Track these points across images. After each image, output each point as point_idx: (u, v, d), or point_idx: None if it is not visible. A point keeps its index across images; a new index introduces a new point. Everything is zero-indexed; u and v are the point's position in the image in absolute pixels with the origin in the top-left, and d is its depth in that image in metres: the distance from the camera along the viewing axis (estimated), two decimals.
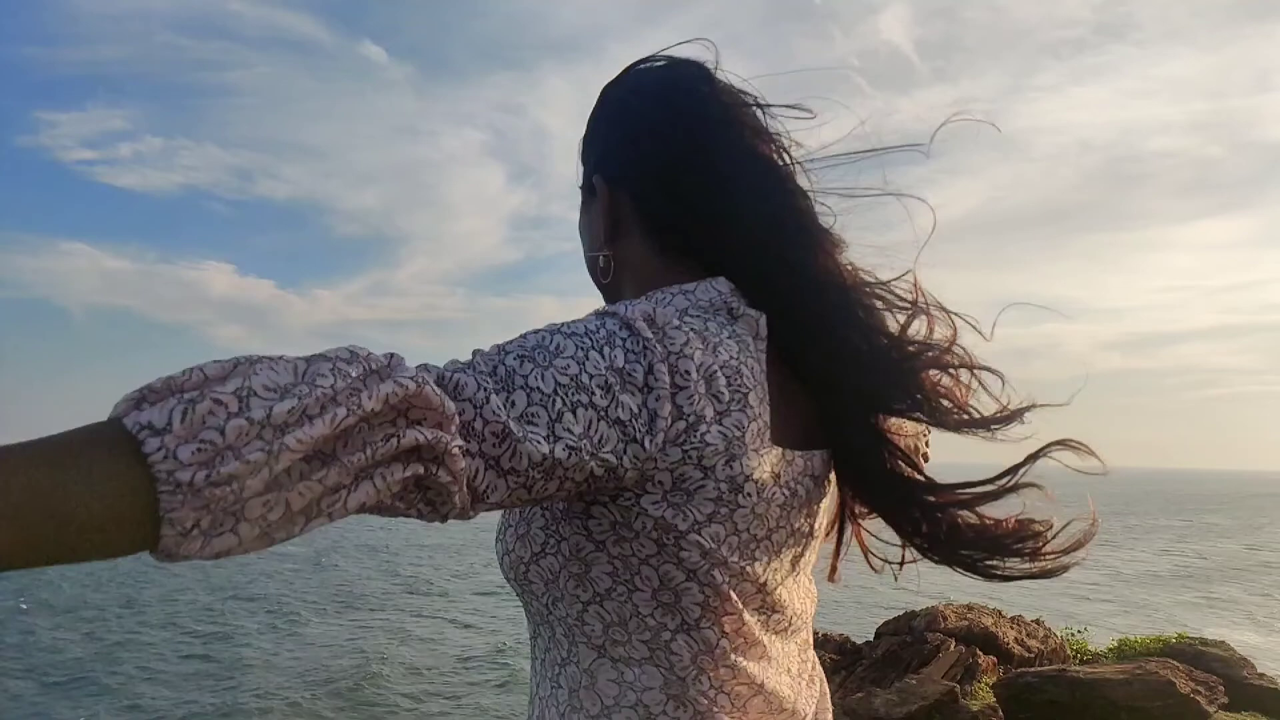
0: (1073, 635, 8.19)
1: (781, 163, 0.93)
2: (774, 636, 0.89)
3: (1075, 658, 7.45)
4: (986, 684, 6.15)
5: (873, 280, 0.92)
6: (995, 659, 6.78)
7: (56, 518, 0.50)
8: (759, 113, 0.94)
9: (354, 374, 0.60)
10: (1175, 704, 5.01)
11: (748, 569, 0.82)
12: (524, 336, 0.73)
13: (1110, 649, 7.60)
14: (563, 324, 0.75)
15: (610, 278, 0.96)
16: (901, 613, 8.19)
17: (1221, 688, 5.43)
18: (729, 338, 0.81)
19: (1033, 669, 5.99)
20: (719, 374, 0.77)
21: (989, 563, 0.88)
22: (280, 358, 0.60)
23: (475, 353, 0.71)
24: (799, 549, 0.89)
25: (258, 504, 0.56)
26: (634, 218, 0.94)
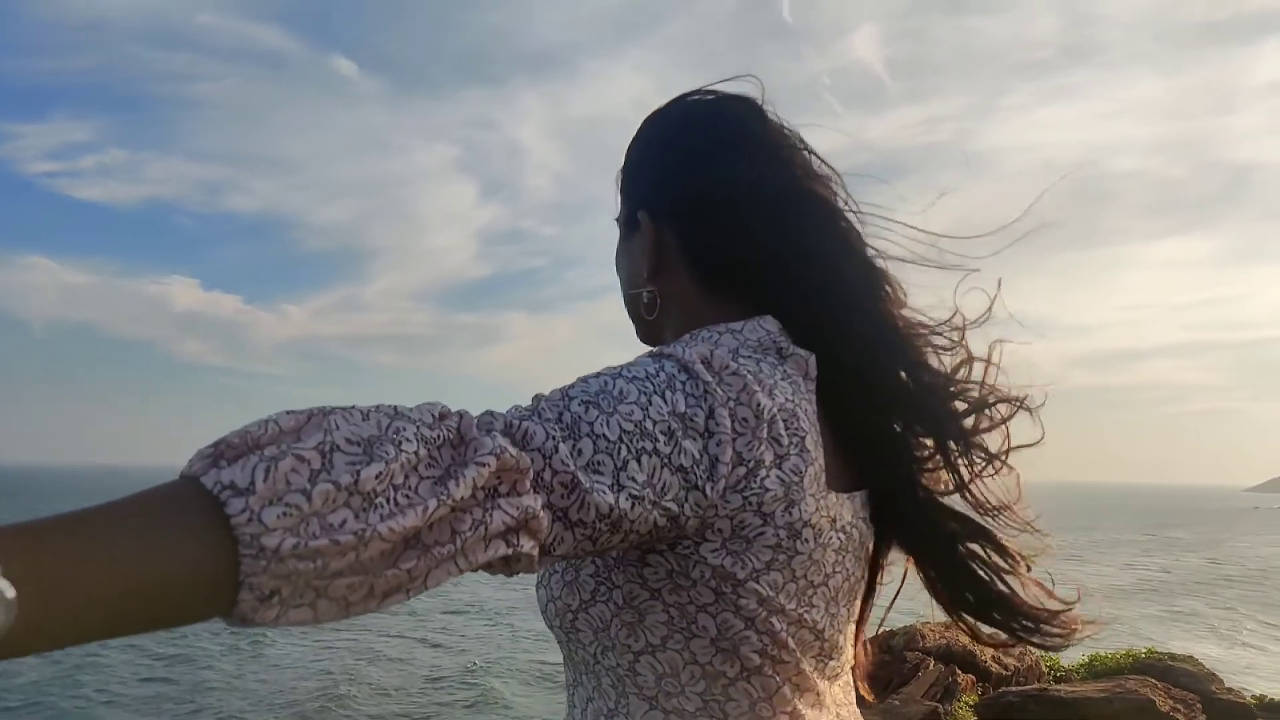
0: (1046, 652, 8.21)
1: (831, 204, 0.92)
2: (826, 681, 0.87)
3: (1049, 674, 7.48)
4: (967, 703, 6.14)
5: (922, 321, 0.92)
6: (974, 677, 6.79)
7: (137, 586, 0.47)
8: (808, 154, 0.94)
9: (436, 438, 0.59)
10: None
11: (805, 616, 0.80)
12: (585, 381, 0.71)
13: (1082, 664, 7.64)
14: (620, 368, 0.74)
15: (653, 314, 0.95)
16: (879, 631, 8.17)
17: (1199, 705, 5.45)
18: (783, 379, 0.80)
19: (1014, 689, 5.99)
20: (777, 418, 0.76)
21: (1016, 629, 0.92)
22: (354, 408, 0.58)
23: (538, 398, 0.70)
24: (852, 593, 0.88)
25: (341, 585, 0.54)
26: (679, 254, 0.93)
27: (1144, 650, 8.32)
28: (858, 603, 0.91)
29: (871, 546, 0.90)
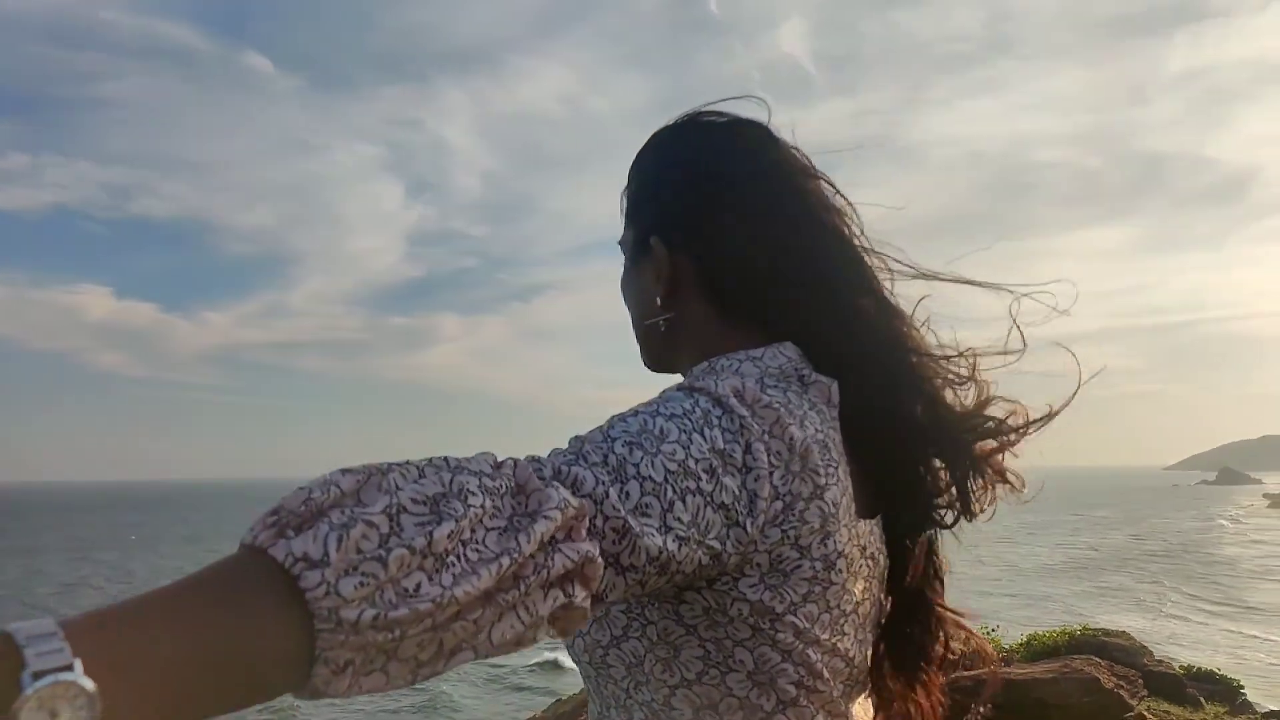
0: (988, 632, 8.43)
1: (848, 232, 0.92)
2: (854, 705, 0.88)
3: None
4: None
5: (936, 351, 0.91)
6: None
7: (216, 672, 0.46)
8: (821, 182, 0.93)
9: (499, 488, 0.58)
10: (1101, 699, 5.18)
11: (839, 645, 0.80)
12: (624, 420, 0.70)
13: (1021, 644, 7.83)
14: (655, 405, 0.73)
15: (668, 341, 0.94)
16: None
17: (1140, 680, 5.64)
18: (810, 409, 0.80)
19: (966, 673, 6.11)
20: (811, 449, 0.76)
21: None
22: (409, 464, 0.57)
23: (578, 441, 0.68)
24: (878, 618, 0.89)
25: (412, 645, 0.52)
26: (694, 280, 0.91)
27: (1079, 627, 8.58)
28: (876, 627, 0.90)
29: (887, 571, 0.89)
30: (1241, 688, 9.28)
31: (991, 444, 0.90)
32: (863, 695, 0.92)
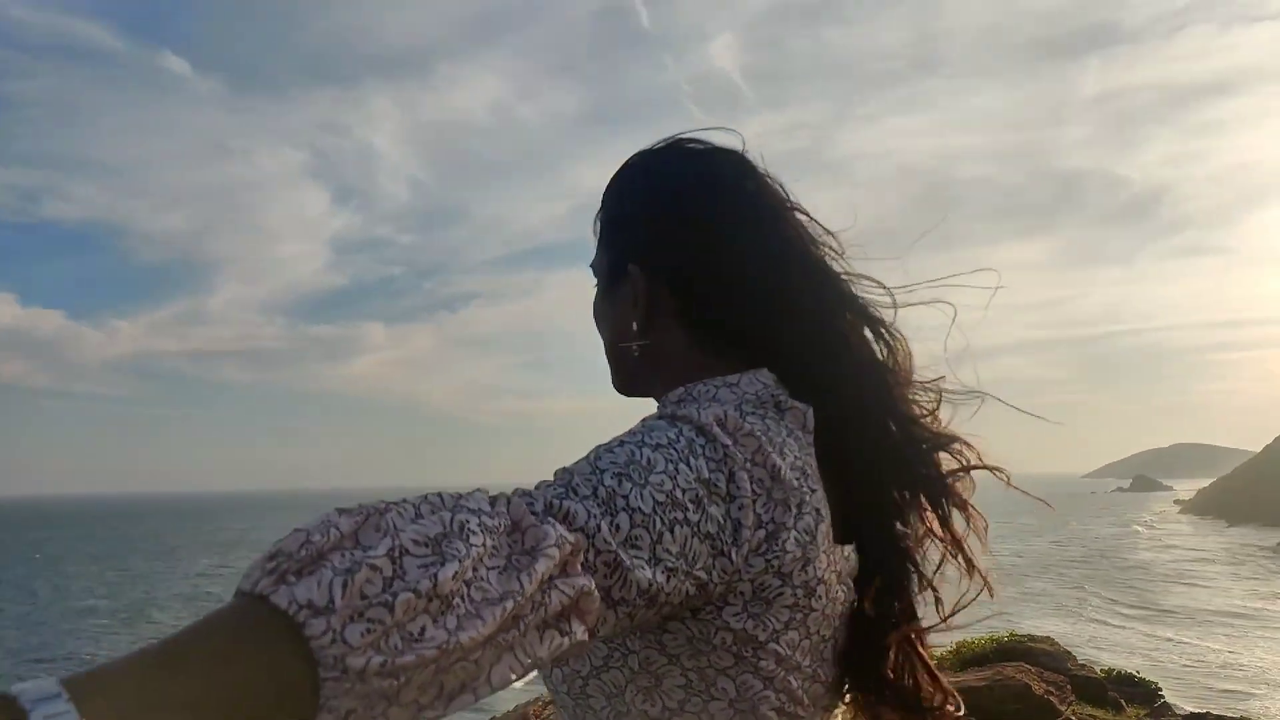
0: None
1: (824, 262, 0.92)
2: None
3: None
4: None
5: (913, 379, 0.92)
6: None
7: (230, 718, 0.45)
8: (799, 213, 0.93)
9: (497, 526, 0.57)
10: (1032, 706, 5.28)
11: (818, 671, 0.81)
12: (610, 451, 0.70)
13: (950, 652, 7.96)
14: (640, 435, 0.72)
15: (641, 366, 0.93)
16: None
17: (1068, 685, 5.77)
18: (788, 435, 0.80)
19: None
20: (790, 477, 0.76)
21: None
22: (406, 502, 0.56)
23: (566, 473, 0.68)
24: (847, 643, 0.87)
25: (414, 689, 0.51)
26: (671, 308, 0.91)
27: (1006, 634, 8.76)
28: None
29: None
30: (1160, 690, 9.59)
31: (954, 475, 0.92)
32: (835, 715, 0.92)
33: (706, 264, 0.90)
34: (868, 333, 0.92)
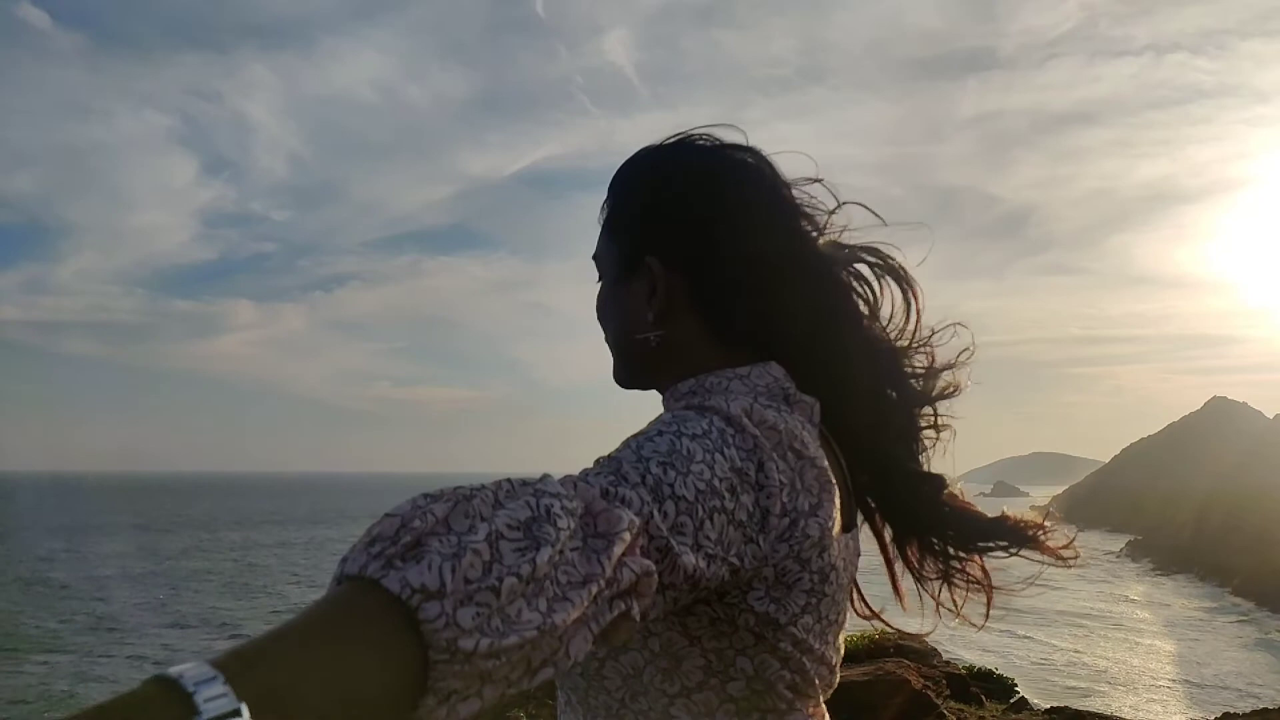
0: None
1: (835, 251, 0.97)
2: (826, 710, 0.92)
3: None
4: None
5: (901, 350, 0.98)
6: None
7: (348, 704, 0.47)
8: (811, 209, 0.96)
9: (575, 509, 0.59)
10: (911, 700, 5.42)
11: (826, 654, 0.84)
12: (650, 440, 0.72)
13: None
14: (675, 425, 0.74)
15: (653, 357, 0.95)
16: None
17: (944, 680, 5.95)
18: (801, 427, 0.83)
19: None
20: (809, 467, 0.79)
21: (1012, 550, 1.01)
22: (484, 488, 0.58)
23: (614, 461, 0.69)
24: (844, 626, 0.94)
25: (506, 667, 0.53)
26: (686, 299, 0.93)
27: (877, 630, 9.03)
28: None
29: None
30: (1015, 685, 10.07)
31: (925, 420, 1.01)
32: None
33: (725, 256, 0.92)
34: (872, 329, 0.97)
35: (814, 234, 0.96)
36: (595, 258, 1.01)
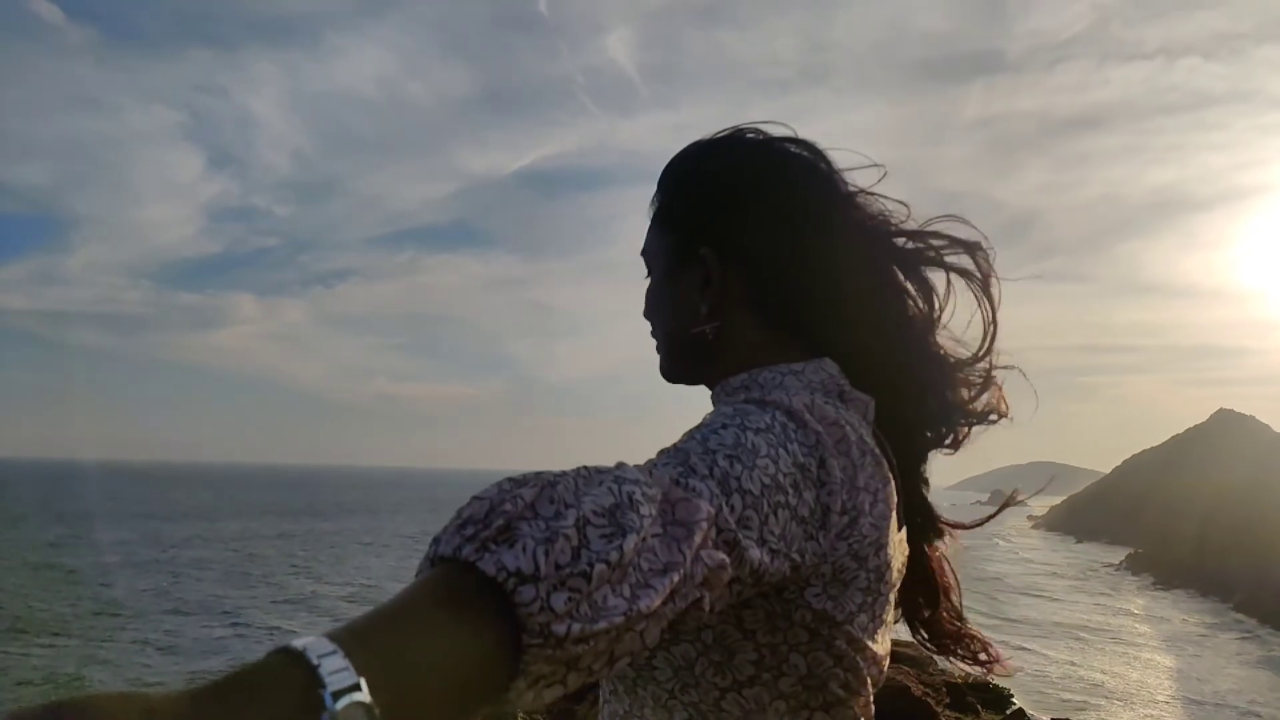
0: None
1: (893, 250, 0.95)
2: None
3: None
4: None
5: (962, 357, 0.97)
6: None
7: (449, 683, 0.48)
8: (869, 198, 0.96)
9: (655, 496, 0.59)
10: (910, 706, 5.47)
11: (878, 653, 0.84)
12: (715, 433, 0.71)
13: None
14: (738, 419, 0.74)
15: (706, 351, 0.94)
16: None
17: (945, 689, 6.00)
18: (859, 424, 0.83)
19: None
20: (869, 464, 0.79)
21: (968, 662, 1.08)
22: (565, 474, 0.58)
23: (679, 452, 0.69)
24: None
25: (591, 655, 0.53)
26: (741, 292, 0.93)
27: None
28: None
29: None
30: (1011, 696, 10.11)
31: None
32: None
33: (783, 249, 0.91)
34: (923, 319, 0.95)
35: (879, 230, 0.94)
36: (644, 253, 1.00)
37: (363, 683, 0.42)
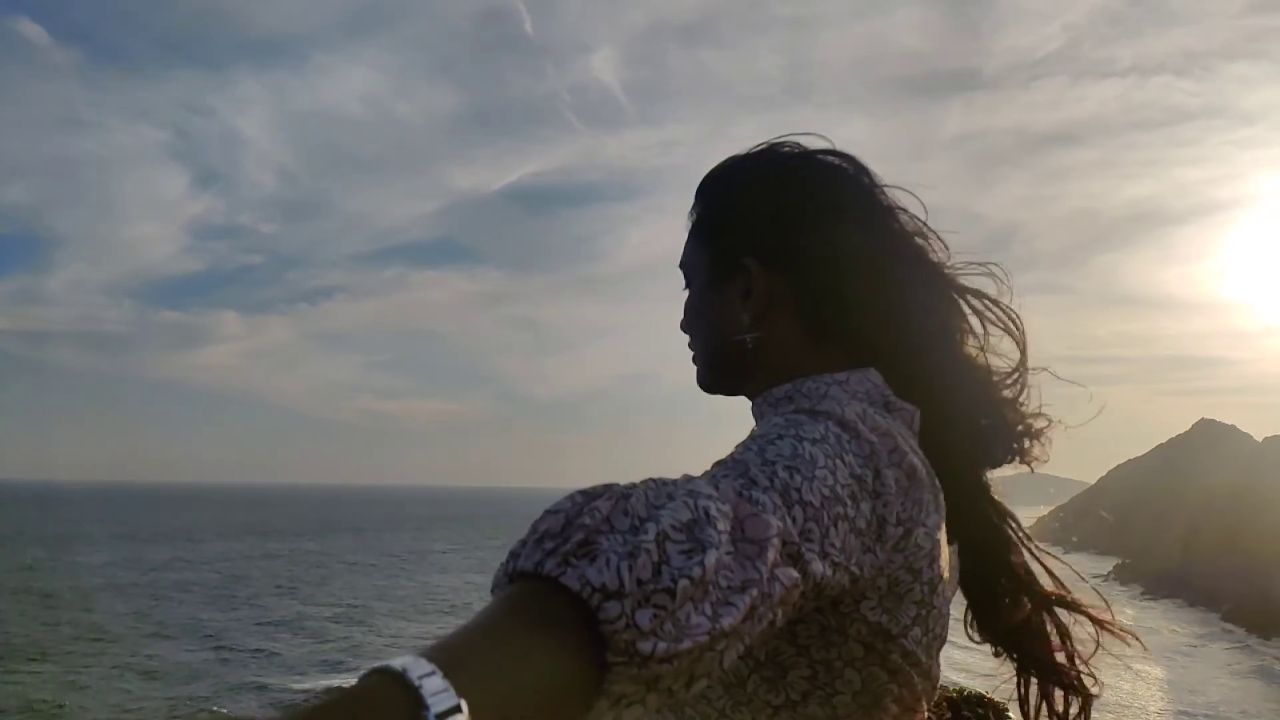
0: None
1: (933, 264, 0.94)
2: None
3: None
4: None
5: (1010, 384, 0.95)
6: None
7: (539, 702, 0.47)
8: (909, 214, 0.95)
9: (728, 512, 0.58)
10: None
11: (932, 668, 0.82)
12: (772, 444, 0.70)
13: None
14: (792, 430, 0.72)
15: (747, 361, 0.93)
16: None
17: (945, 704, 5.87)
18: (907, 435, 0.82)
19: None
20: (920, 475, 0.78)
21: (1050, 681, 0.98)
22: (636, 487, 0.57)
23: (737, 464, 0.67)
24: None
25: (671, 675, 0.52)
26: (785, 302, 0.92)
27: None
28: None
29: None
30: (1007, 711, 10.02)
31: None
32: None
33: (826, 259, 0.91)
34: (975, 323, 0.93)
35: (924, 252, 0.94)
36: (682, 265, 1.00)
37: (464, 704, 0.42)
